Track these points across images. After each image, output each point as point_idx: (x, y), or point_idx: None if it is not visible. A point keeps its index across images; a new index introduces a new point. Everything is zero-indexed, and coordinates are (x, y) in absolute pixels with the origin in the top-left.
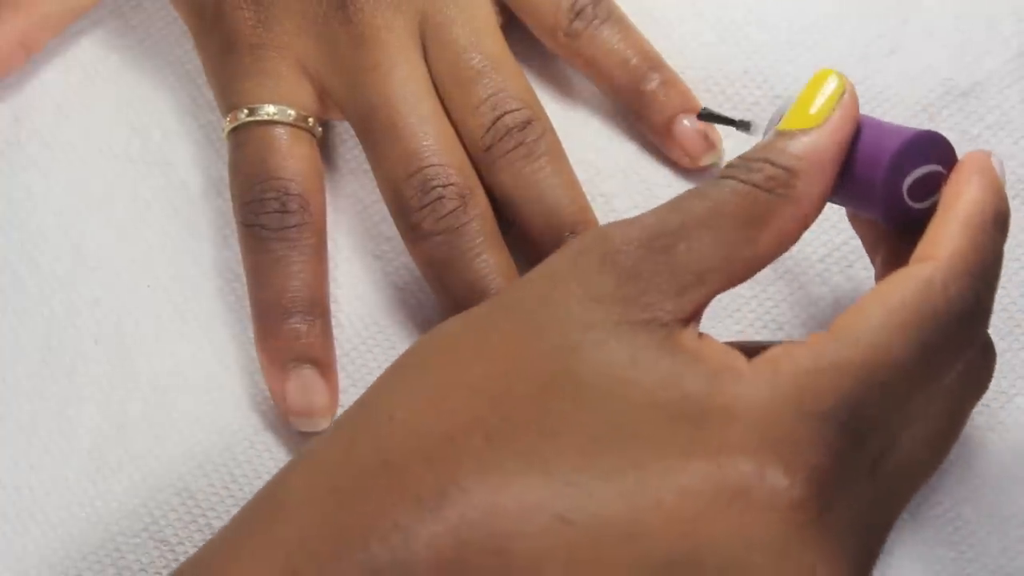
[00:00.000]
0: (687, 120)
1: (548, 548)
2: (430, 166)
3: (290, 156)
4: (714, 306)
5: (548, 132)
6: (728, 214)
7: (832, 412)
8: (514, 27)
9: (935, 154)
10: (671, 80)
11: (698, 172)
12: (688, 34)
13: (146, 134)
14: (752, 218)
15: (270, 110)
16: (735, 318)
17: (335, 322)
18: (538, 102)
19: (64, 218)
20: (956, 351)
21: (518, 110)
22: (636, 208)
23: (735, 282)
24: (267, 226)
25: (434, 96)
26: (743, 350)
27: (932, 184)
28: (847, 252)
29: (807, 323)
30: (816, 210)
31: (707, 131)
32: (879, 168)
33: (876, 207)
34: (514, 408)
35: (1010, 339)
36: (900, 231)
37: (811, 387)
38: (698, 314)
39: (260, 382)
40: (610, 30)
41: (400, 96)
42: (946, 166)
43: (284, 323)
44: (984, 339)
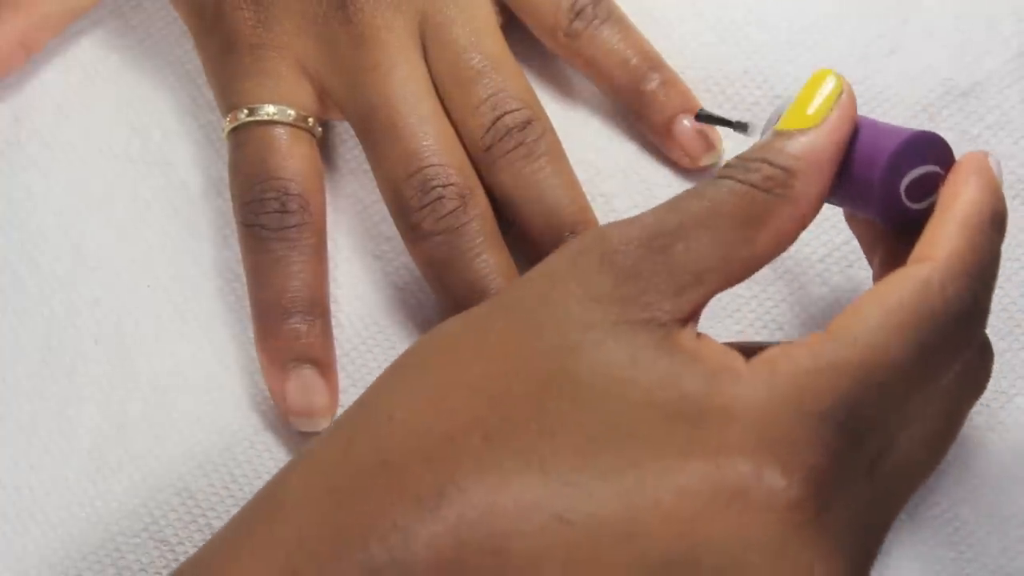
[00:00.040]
0: (687, 120)
1: (546, 547)
2: (430, 166)
3: (290, 156)
4: (713, 306)
5: (548, 132)
6: (726, 214)
7: (830, 412)
8: (514, 27)
9: (932, 155)
10: (671, 80)
11: (698, 172)
12: (688, 34)
13: (146, 134)
14: (750, 218)
15: (270, 110)
16: (735, 318)
17: (335, 322)
18: (538, 102)
19: (64, 218)
20: (954, 352)
21: (518, 110)
22: (636, 208)
23: (733, 282)
24: (267, 226)
25: (434, 96)
26: (741, 350)
27: (930, 185)
28: (847, 252)
29: (807, 323)
30: (814, 210)
31: (707, 131)
32: (877, 168)
33: (874, 207)
34: (513, 408)
35: (1009, 339)
36: (898, 231)
37: (809, 387)
38: (696, 314)
39: (260, 382)
40: (610, 30)
41: (400, 96)
42: (944, 167)
43: (284, 323)
44: (982, 339)
